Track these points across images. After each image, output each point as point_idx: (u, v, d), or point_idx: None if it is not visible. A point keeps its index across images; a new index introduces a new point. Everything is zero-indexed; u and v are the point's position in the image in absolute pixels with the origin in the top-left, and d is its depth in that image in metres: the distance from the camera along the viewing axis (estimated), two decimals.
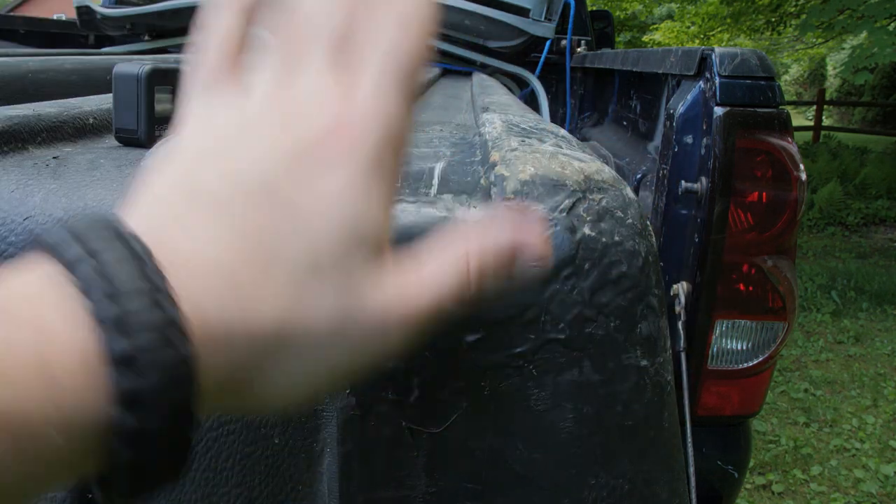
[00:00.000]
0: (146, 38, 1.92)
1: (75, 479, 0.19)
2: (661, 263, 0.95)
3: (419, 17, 0.24)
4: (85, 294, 0.18)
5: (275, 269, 0.21)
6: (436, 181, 0.38)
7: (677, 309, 0.94)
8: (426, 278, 0.24)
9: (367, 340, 0.23)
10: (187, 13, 1.80)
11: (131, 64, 0.46)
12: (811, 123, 10.90)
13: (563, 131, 0.48)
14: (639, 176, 1.15)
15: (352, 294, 0.22)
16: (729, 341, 0.98)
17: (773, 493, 2.10)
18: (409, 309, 0.23)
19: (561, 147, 0.38)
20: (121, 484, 0.19)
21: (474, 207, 0.33)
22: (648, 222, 0.35)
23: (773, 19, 8.35)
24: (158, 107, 0.48)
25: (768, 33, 8.88)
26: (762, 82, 0.90)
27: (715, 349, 0.98)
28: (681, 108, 0.95)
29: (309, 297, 0.21)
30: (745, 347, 0.98)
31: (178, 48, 1.96)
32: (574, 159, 0.35)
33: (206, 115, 0.25)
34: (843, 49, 10.45)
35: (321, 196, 0.22)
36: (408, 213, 0.32)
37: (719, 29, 9.30)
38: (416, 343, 0.24)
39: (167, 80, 0.48)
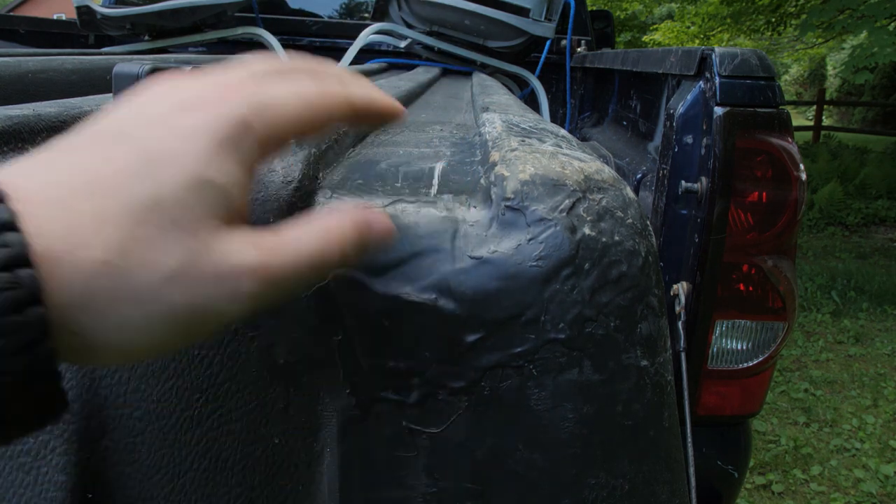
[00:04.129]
0: (146, 38, 1.92)
1: None
2: (661, 263, 0.95)
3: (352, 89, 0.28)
4: None
5: (112, 204, 0.21)
6: (436, 181, 0.38)
7: (677, 309, 0.94)
8: (285, 240, 0.25)
9: (213, 289, 0.23)
10: (187, 13, 1.80)
11: (131, 64, 0.46)
12: (811, 123, 10.89)
13: (563, 131, 0.48)
14: (639, 176, 1.15)
15: (196, 239, 0.22)
16: (729, 341, 0.98)
17: (773, 493, 2.10)
18: (266, 262, 0.24)
19: (561, 147, 0.38)
20: None
21: (474, 207, 0.33)
22: (648, 222, 0.35)
23: (773, 19, 8.35)
24: None
25: (768, 33, 8.88)
26: (762, 82, 0.90)
27: (715, 349, 0.98)
28: (681, 108, 0.95)
29: (147, 235, 0.21)
30: (745, 347, 0.98)
31: (178, 48, 1.95)
32: (574, 159, 0.35)
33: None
34: (843, 49, 10.45)
35: (177, 137, 0.23)
36: (408, 213, 0.32)
37: (719, 29, 9.29)
38: (273, 302, 0.24)
39: None
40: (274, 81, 0.26)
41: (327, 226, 0.26)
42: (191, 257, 0.22)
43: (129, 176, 0.22)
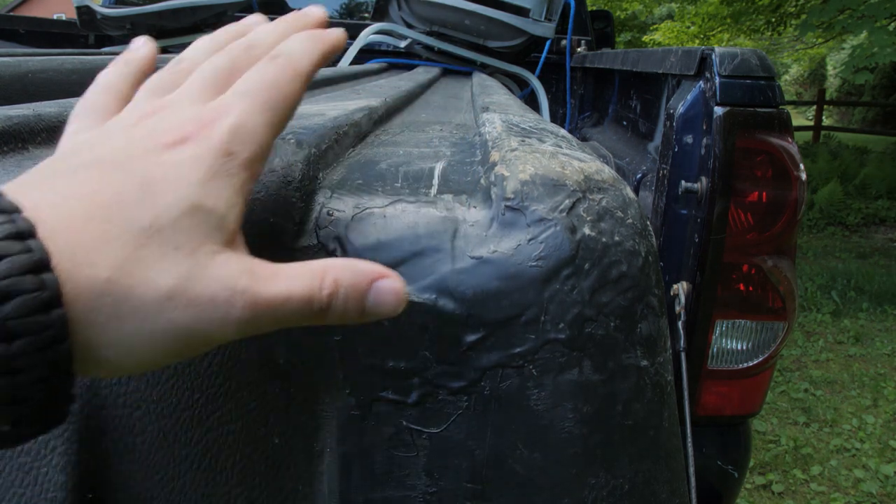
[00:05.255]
0: None
1: None
2: (661, 263, 0.95)
3: (292, 55, 0.29)
4: None
5: (114, 228, 0.22)
6: (436, 181, 0.38)
7: (677, 309, 0.94)
8: (281, 272, 0.25)
9: (207, 312, 0.23)
10: (187, 13, 1.80)
11: None
12: (811, 123, 10.89)
13: (563, 131, 0.48)
14: (639, 176, 1.15)
15: (194, 261, 0.23)
16: (729, 341, 0.98)
17: (773, 493, 2.10)
18: (257, 290, 0.24)
19: (561, 147, 0.38)
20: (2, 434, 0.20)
21: (474, 207, 0.33)
22: (648, 222, 0.35)
23: (773, 19, 8.35)
24: None
25: (768, 33, 8.88)
26: (762, 82, 0.90)
27: (715, 349, 0.98)
28: (681, 108, 0.95)
29: (148, 256, 0.22)
30: (744, 347, 0.98)
31: (178, 48, 1.96)
32: (574, 159, 0.35)
33: (84, 129, 0.28)
34: (843, 49, 10.45)
35: (170, 168, 0.24)
36: (408, 213, 0.32)
37: (719, 29, 9.29)
38: (259, 330, 0.25)
39: None
40: (237, 98, 0.27)
41: (324, 269, 0.26)
42: (188, 278, 0.23)
43: (129, 202, 0.23)
